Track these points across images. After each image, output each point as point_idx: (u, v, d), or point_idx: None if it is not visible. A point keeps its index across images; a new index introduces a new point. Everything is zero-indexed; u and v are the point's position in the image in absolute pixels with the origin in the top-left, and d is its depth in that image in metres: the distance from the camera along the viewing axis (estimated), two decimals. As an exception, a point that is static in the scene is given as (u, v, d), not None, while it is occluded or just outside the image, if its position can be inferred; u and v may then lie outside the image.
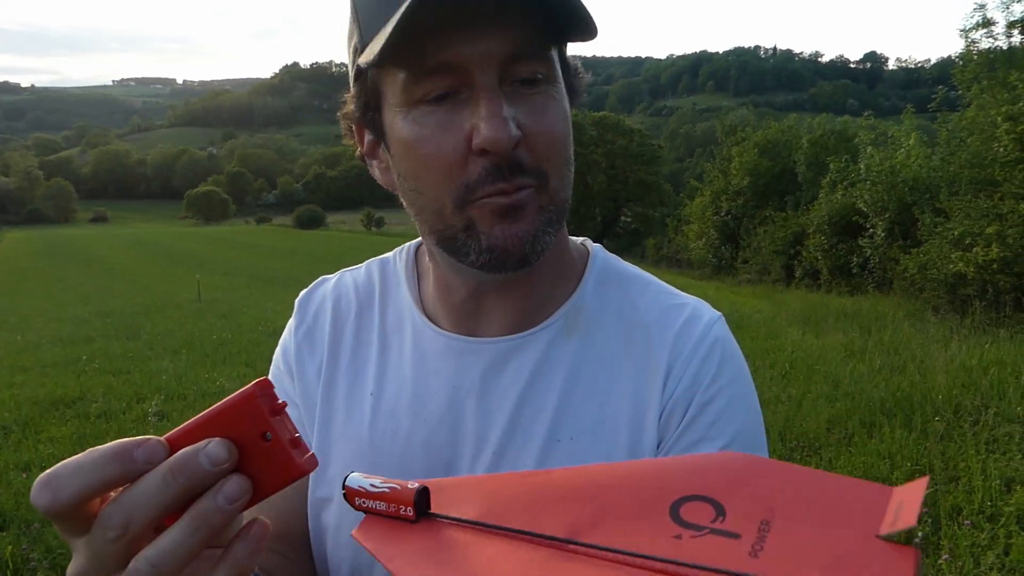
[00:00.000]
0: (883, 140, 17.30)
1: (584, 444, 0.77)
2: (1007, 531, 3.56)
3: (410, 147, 0.71)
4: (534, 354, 0.80)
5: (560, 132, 0.72)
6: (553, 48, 0.72)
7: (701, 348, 0.78)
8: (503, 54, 0.67)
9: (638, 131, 43.38)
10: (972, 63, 14.53)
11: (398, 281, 0.90)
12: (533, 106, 0.70)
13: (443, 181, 0.70)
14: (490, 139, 0.66)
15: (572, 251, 0.87)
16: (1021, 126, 10.62)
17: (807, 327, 9.96)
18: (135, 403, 6.88)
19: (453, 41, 0.66)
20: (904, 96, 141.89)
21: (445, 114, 0.69)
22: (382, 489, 0.43)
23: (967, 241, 10.79)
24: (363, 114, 0.77)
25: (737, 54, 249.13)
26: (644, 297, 0.84)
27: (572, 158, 0.76)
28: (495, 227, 0.70)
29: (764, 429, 0.81)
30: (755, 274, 21.64)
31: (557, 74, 0.73)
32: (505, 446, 0.78)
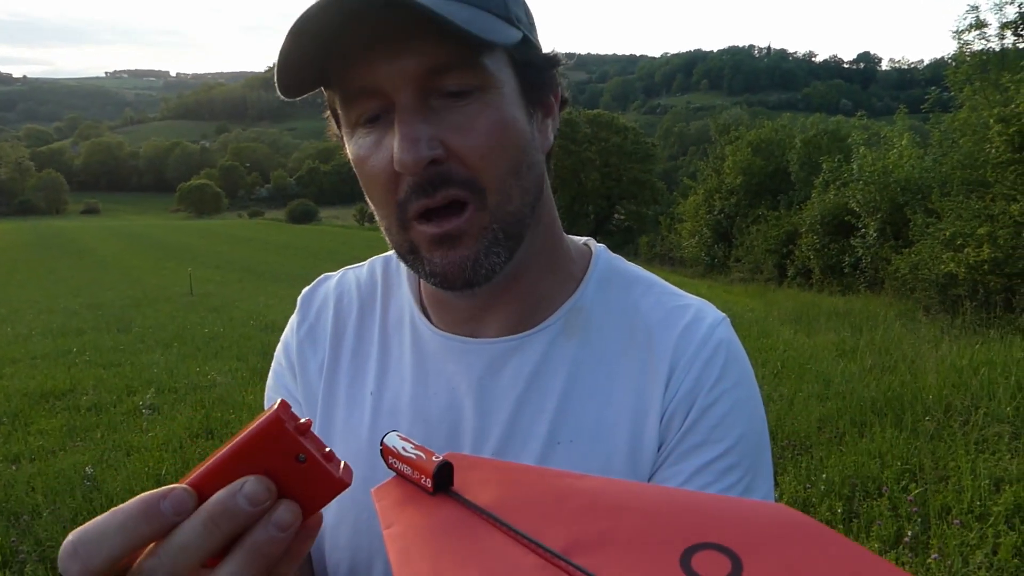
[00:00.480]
0: (876, 140, 17.37)
1: (583, 446, 0.76)
2: (995, 530, 3.58)
3: (356, 167, 0.72)
4: (533, 355, 0.79)
5: (495, 141, 0.69)
6: (485, 56, 0.68)
7: (704, 351, 0.77)
8: (419, 71, 0.65)
9: (632, 129, 43.40)
10: (965, 64, 14.57)
11: (399, 280, 0.90)
12: (461, 119, 0.68)
13: (384, 200, 0.71)
14: (399, 160, 0.66)
15: (571, 251, 0.86)
16: (1013, 128, 10.67)
17: (799, 326, 9.99)
18: (126, 396, 6.85)
19: (371, 62, 0.66)
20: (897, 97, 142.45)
21: (377, 136, 0.69)
22: (411, 455, 0.43)
23: (958, 242, 10.84)
24: (339, 130, 0.77)
25: (731, 53, 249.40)
26: (647, 298, 0.83)
27: (523, 165, 0.72)
28: (434, 254, 0.70)
29: (768, 434, 0.80)
30: (747, 273, 21.70)
31: (496, 80, 0.69)
32: (504, 447, 0.78)
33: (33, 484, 4.54)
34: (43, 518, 4.02)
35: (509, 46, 0.70)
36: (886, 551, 3.51)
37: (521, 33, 0.70)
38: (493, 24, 0.67)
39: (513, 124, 0.71)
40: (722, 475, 0.73)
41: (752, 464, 0.76)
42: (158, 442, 5.31)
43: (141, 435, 5.55)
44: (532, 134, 0.74)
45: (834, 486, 4.13)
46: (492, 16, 0.67)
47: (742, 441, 0.75)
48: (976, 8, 16.96)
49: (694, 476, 0.74)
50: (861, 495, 4.08)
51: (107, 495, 4.31)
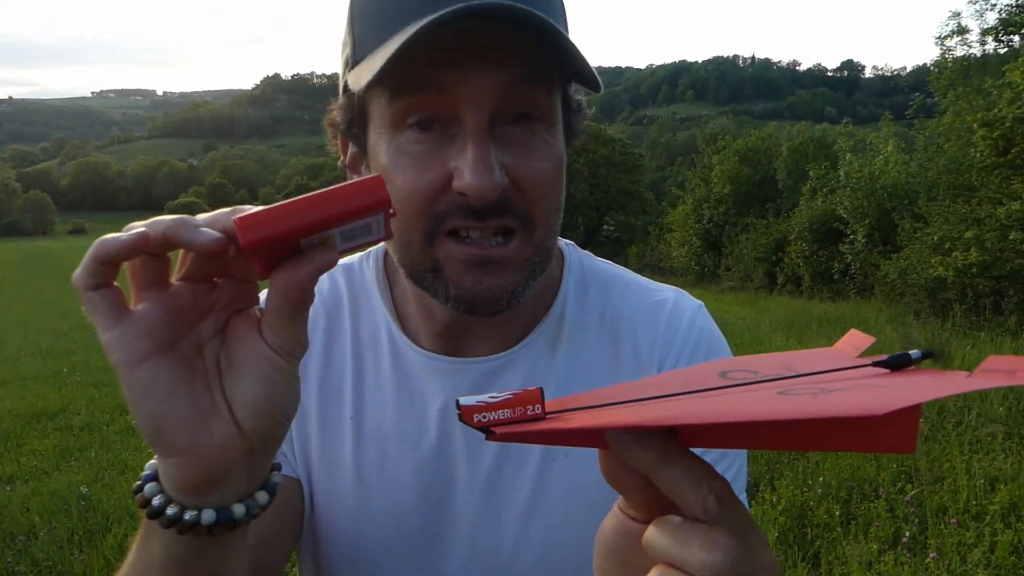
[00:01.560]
0: (862, 147, 17.53)
1: (580, 459, 0.75)
2: (992, 529, 3.60)
3: (389, 173, 0.68)
4: (520, 373, 0.78)
5: (551, 177, 0.69)
6: (553, 88, 0.68)
7: (688, 344, 0.78)
8: (497, 89, 0.63)
9: (619, 140, 43.56)
10: (947, 70, 14.77)
11: (368, 291, 0.85)
12: (524, 148, 0.66)
13: (413, 212, 0.67)
14: (473, 186, 0.63)
15: None
16: (997, 132, 10.79)
17: (791, 333, 10.03)
18: (119, 415, 6.79)
19: (447, 71, 0.63)
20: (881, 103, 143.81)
21: (429, 147, 0.66)
22: (504, 397, 0.43)
23: (946, 246, 10.93)
24: (347, 128, 0.74)
25: (716, 63, 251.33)
26: (625, 298, 0.82)
27: (562, 204, 0.72)
28: (465, 276, 0.67)
29: None
30: (738, 281, 21.77)
31: (555, 115, 0.69)
32: (500, 468, 0.76)
33: (28, 505, 4.50)
34: (39, 539, 3.98)
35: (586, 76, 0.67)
36: (885, 551, 3.52)
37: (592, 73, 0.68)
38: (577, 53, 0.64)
39: (563, 163, 0.71)
40: (715, 463, 0.72)
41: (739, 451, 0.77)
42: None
43: (136, 453, 5.51)
44: (564, 183, 0.74)
45: (831, 489, 4.14)
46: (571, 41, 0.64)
47: None
48: (958, 15, 17.26)
49: None
50: (858, 497, 4.09)
51: (103, 514, 4.27)
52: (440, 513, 0.77)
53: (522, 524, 0.75)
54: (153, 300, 0.47)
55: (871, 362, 0.41)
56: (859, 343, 0.44)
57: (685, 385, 0.42)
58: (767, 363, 0.45)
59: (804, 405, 0.32)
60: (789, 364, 0.43)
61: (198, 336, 0.49)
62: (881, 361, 0.40)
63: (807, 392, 0.35)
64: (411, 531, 0.78)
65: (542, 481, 0.75)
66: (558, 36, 0.61)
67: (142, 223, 0.46)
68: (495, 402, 0.42)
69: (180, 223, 0.44)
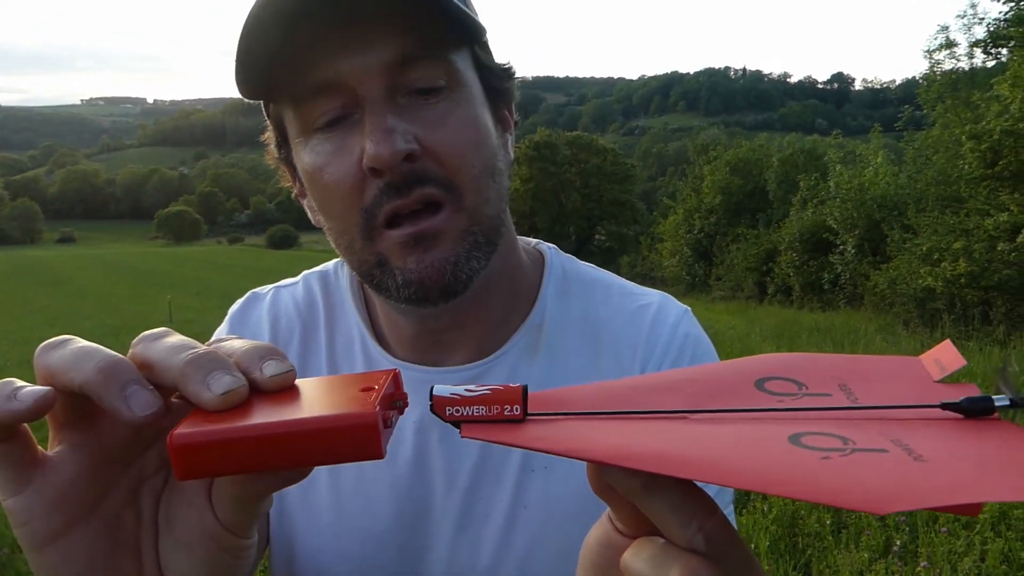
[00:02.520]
0: (851, 159, 17.68)
1: (559, 471, 0.73)
2: (982, 537, 3.61)
3: (311, 178, 0.66)
4: (498, 380, 0.73)
5: (469, 139, 0.66)
6: (453, 52, 0.65)
7: (671, 350, 0.75)
8: (386, 64, 0.61)
9: (611, 150, 43.76)
10: (936, 83, 14.91)
11: (342, 300, 0.82)
12: (432, 116, 0.64)
13: (346, 210, 0.65)
14: (375, 155, 0.60)
15: (526, 257, 0.81)
16: (985, 144, 10.90)
17: (781, 343, 10.06)
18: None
19: (330, 59, 0.61)
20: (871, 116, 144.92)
21: (339, 139, 0.64)
22: (482, 392, 0.38)
23: (935, 256, 11.01)
24: (279, 152, 0.72)
25: (707, 75, 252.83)
26: (608, 303, 0.79)
27: (498, 168, 0.69)
28: (408, 259, 0.65)
29: None
30: (728, 291, 21.85)
31: (463, 78, 0.66)
32: (477, 482, 0.74)
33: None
34: (23, 552, 3.94)
35: (481, 39, 0.67)
36: (876, 560, 3.52)
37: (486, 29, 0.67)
38: (466, 12, 0.63)
39: (484, 124, 0.68)
40: None
41: None
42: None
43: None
44: (498, 142, 0.71)
45: (822, 498, 4.14)
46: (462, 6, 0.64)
47: None
48: (946, 28, 17.41)
49: None
50: (849, 506, 4.09)
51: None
52: (417, 529, 0.75)
53: (501, 539, 0.73)
54: (75, 444, 0.39)
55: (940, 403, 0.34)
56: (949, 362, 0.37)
57: (708, 389, 0.38)
58: (820, 370, 0.40)
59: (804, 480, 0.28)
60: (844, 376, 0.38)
61: (137, 474, 0.42)
62: (953, 404, 0.34)
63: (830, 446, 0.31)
64: (388, 548, 0.75)
65: (520, 494, 0.73)
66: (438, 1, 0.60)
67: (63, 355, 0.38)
68: (471, 396, 0.38)
69: (107, 378, 0.36)
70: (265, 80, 0.63)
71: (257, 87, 0.65)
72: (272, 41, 0.60)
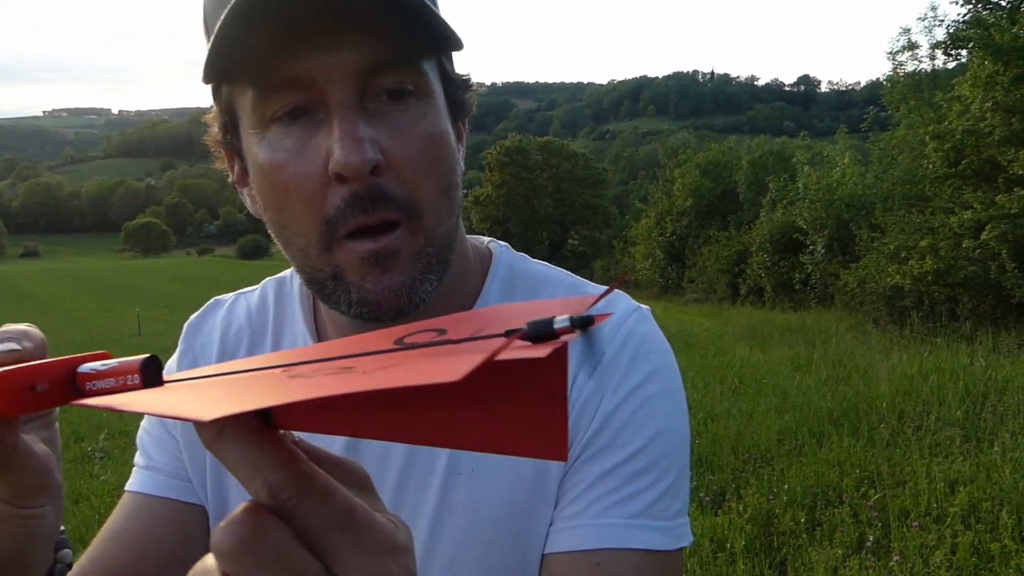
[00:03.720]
0: (819, 159, 17.91)
1: (486, 473, 0.71)
2: (953, 531, 3.65)
3: (267, 174, 0.64)
4: None
5: (433, 153, 0.65)
6: (424, 60, 0.65)
7: (609, 349, 0.72)
8: (360, 65, 0.60)
9: (582, 155, 43.99)
10: (899, 84, 15.18)
11: (292, 304, 0.82)
12: (399, 125, 0.63)
13: (304, 215, 0.63)
14: (342, 163, 0.59)
15: (473, 257, 0.80)
16: (948, 144, 11.09)
17: (754, 343, 10.15)
18: (73, 442, 6.62)
19: (303, 53, 0.60)
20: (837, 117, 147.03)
21: (300, 136, 0.62)
22: (111, 365, 0.39)
23: (902, 255, 11.17)
24: (224, 137, 0.70)
25: (676, 79, 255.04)
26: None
27: (454, 183, 0.68)
28: (366, 278, 0.63)
29: (687, 430, 0.74)
30: (701, 293, 22.02)
31: (432, 88, 0.66)
32: (404, 485, 0.73)
33: (-23, 535, 4.35)
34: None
35: (455, 49, 0.66)
36: (849, 556, 3.55)
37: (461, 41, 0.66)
38: (442, 21, 0.62)
39: (447, 139, 0.67)
40: (631, 479, 0.68)
41: (670, 465, 0.70)
42: (110, 487, 5.13)
43: (91, 481, 5.37)
44: (457, 155, 0.70)
45: (796, 496, 4.17)
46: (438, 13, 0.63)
47: (656, 441, 0.69)
48: (908, 30, 17.73)
49: (598, 482, 0.68)
50: (823, 504, 4.13)
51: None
52: None
53: (428, 542, 0.72)
54: None
55: (504, 331, 0.33)
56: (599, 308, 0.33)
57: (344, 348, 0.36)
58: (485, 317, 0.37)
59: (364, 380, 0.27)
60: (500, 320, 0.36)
61: None
62: (517, 330, 0.32)
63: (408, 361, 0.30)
64: None
65: (446, 497, 0.72)
66: (416, 6, 0.59)
67: None
68: (104, 370, 0.39)
69: None
70: (233, 66, 0.62)
71: (224, 71, 0.63)
72: (247, 28, 0.58)
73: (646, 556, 0.66)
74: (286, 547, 0.31)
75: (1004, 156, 10.07)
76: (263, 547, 0.30)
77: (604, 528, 0.67)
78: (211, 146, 0.73)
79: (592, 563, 0.66)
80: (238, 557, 0.30)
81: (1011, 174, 9.98)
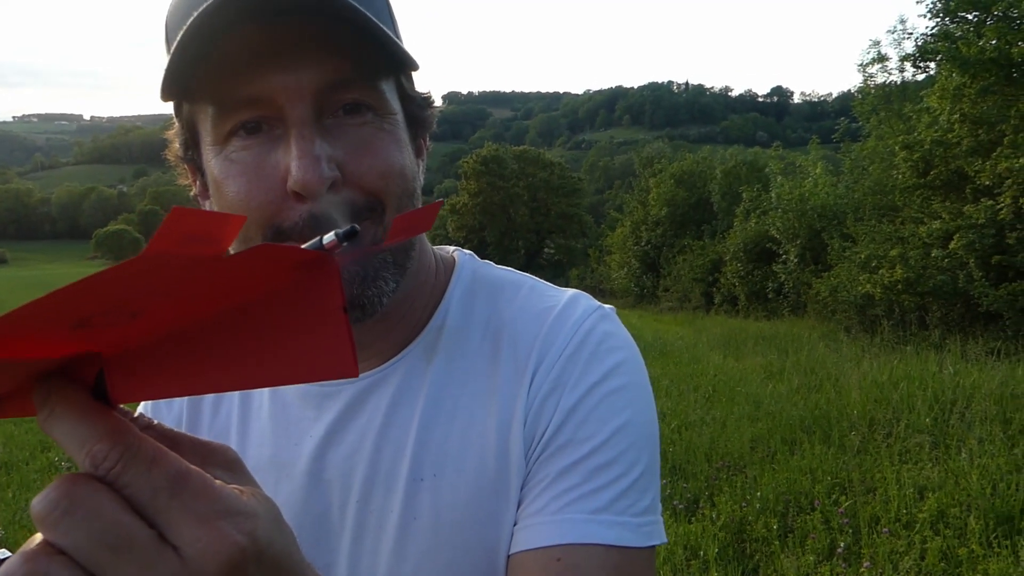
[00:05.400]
0: (792, 170, 18.09)
1: (449, 478, 0.71)
2: (922, 536, 3.70)
3: (221, 186, 0.65)
4: (393, 384, 0.74)
5: (395, 164, 0.65)
6: (382, 80, 0.66)
7: (568, 346, 0.71)
8: (318, 84, 0.61)
9: (558, 164, 44.19)
10: (870, 96, 15.41)
11: None
12: (358, 140, 0.64)
13: (259, 228, 0.64)
14: (300, 181, 0.60)
15: (435, 266, 0.80)
16: (917, 154, 11.26)
17: (728, 351, 10.22)
18: (40, 452, 6.49)
19: (262, 72, 0.61)
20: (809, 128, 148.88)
21: (257, 151, 0.63)
22: None
23: (873, 264, 11.31)
24: (185, 153, 0.71)
25: (651, 89, 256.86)
26: (513, 304, 0.77)
27: (415, 193, 0.69)
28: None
29: (655, 426, 0.73)
30: (676, 302, 22.15)
31: (390, 106, 0.67)
32: (368, 493, 0.73)
33: (-62, 549, 4.24)
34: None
35: (410, 70, 0.68)
36: (821, 563, 3.58)
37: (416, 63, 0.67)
38: (399, 46, 0.64)
39: (405, 151, 0.68)
40: (592, 474, 0.67)
41: (635, 460, 0.69)
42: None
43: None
44: (416, 170, 0.71)
45: (769, 503, 4.20)
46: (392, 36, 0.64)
47: (619, 435, 0.68)
48: (878, 43, 18.02)
49: (558, 479, 0.68)
50: (795, 511, 4.16)
51: (21, 556, 4.05)
52: (318, 545, 0.74)
53: (395, 550, 0.72)
54: None
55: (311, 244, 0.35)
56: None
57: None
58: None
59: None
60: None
61: None
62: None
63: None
64: None
65: (411, 503, 0.72)
66: (373, 28, 0.60)
67: None
68: None
69: None
70: (193, 84, 0.62)
71: (182, 89, 0.63)
72: (206, 48, 0.59)
73: (609, 552, 0.65)
74: (109, 512, 0.31)
75: (971, 167, 10.25)
76: (83, 512, 0.31)
77: (565, 524, 0.66)
78: (173, 161, 0.74)
79: (552, 559, 0.65)
80: (54, 521, 0.31)
81: (978, 184, 10.16)
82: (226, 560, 0.32)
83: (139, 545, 0.32)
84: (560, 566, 0.65)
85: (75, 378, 0.34)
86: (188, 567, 0.32)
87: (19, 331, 0.29)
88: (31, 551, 0.32)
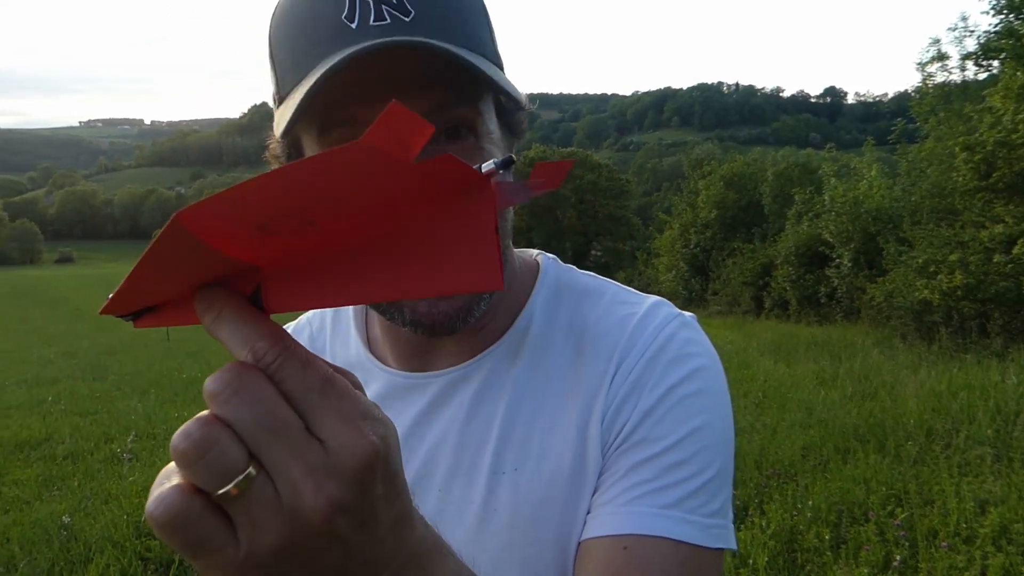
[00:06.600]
0: (845, 172, 17.70)
1: (529, 473, 0.73)
2: (983, 552, 3.59)
3: None
4: (477, 381, 0.77)
5: None
6: (481, 101, 0.68)
7: (649, 350, 0.73)
8: (420, 111, 0.63)
9: (606, 166, 43.90)
10: (928, 96, 14.99)
11: (347, 318, 0.88)
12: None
13: None
14: None
15: (520, 270, 0.83)
16: (978, 156, 10.93)
17: (778, 356, 10.06)
18: (103, 443, 6.72)
19: (368, 100, 0.63)
20: (864, 129, 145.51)
21: None
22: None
23: (931, 269, 11.01)
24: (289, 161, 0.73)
25: (701, 90, 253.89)
26: (597, 310, 0.79)
27: (510, 210, 0.72)
28: (419, 303, 0.68)
29: (731, 432, 0.74)
30: (725, 305, 21.83)
31: (487, 127, 0.69)
32: (450, 482, 0.75)
33: (8, 535, 4.42)
34: (19, 570, 3.91)
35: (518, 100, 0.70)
36: (876, 575, 3.51)
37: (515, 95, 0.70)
38: (496, 72, 0.66)
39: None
40: (665, 471, 0.68)
41: (709, 462, 0.70)
42: (138, 488, 5.20)
43: (120, 482, 5.44)
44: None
45: (820, 513, 4.13)
46: (490, 63, 0.66)
47: (694, 436, 0.70)
48: (938, 41, 17.52)
49: (631, 471, 0.69)
50: (848, 521, 4.08)
51: (85, 544, 4.20)
52: None
53: (474, 539, 0.73)
54: None
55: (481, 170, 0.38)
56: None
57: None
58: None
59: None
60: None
61: None
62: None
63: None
64: None
65: (491, 496, 0.73)
66: (470, 67, 0.62)
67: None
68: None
69: None
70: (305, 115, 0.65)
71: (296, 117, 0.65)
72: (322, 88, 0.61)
73: (677, 547, 0.66)
74: (270, 399, 0.36)
75: (1036, 169, 9.92)
76: (249, 395, 0.36)
77: (634, 515, 0.67)
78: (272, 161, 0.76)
79: (619, 547, 0.66)
80: (225, 399, 0.36)
81: (1044, 188, 9.83)
82: (362, 456, 0.37)
83: (293, 432, 0.36)
84: (627, 555, 0.66)
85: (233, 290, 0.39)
86: (331, 459, 0.37)
87: (218, 220, 0.32)
88: (205, 418, 0.36)
